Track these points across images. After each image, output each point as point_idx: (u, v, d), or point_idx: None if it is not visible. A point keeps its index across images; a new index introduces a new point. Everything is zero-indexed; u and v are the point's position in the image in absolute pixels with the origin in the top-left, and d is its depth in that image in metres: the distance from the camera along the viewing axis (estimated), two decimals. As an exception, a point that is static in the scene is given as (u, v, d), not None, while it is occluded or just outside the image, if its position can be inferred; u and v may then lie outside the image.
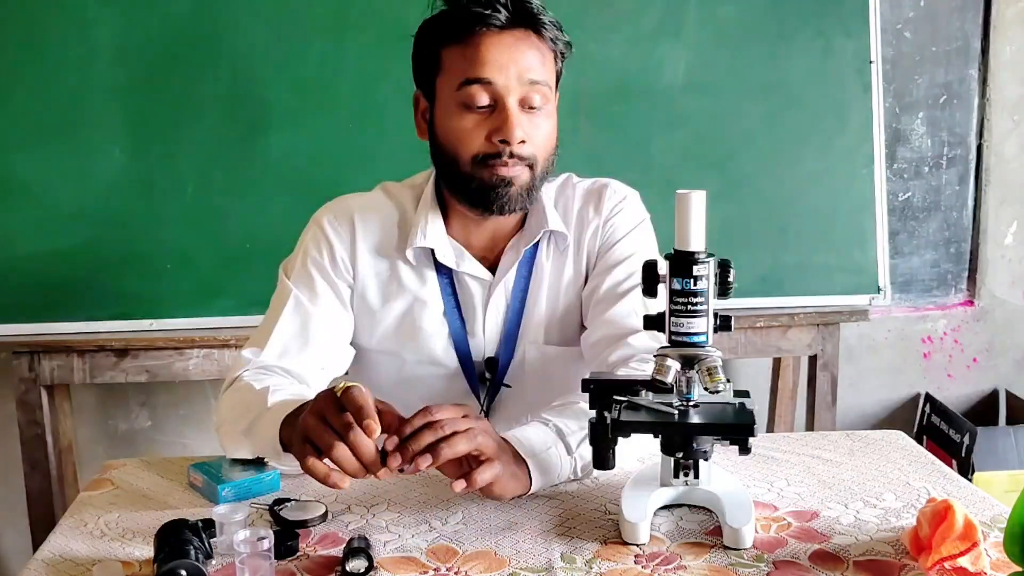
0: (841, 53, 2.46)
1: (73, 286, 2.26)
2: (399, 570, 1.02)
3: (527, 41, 1.29)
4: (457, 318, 1.42)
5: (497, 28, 1.28)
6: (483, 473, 1.08)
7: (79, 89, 2.26)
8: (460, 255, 1.41)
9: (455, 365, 1.43)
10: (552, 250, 1.43)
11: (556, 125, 1.36)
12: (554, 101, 1.35)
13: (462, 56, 1.29)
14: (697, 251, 1.04)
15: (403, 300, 1.42)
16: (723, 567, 1.02)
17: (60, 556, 1.06)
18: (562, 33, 1.34)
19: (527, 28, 1.29)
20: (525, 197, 1.33)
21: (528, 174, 1.32)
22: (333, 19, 2.31)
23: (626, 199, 1.46)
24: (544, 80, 1.30)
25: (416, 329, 1.42)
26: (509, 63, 1.28)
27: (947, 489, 1.21)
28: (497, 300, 1.42)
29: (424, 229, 1.39)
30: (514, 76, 1.28)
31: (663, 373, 1.03)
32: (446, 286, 1.42)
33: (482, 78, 1.27)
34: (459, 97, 1.29)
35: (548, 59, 1.32)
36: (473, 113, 1.30)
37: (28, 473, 2.32)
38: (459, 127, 1.31)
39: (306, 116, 2.32)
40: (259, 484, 1.21)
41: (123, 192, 2.28)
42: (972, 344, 2.87)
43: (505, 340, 1.43)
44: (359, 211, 1.43)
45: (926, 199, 2.76)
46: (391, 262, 1.42)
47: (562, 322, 1.44)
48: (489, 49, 1.28)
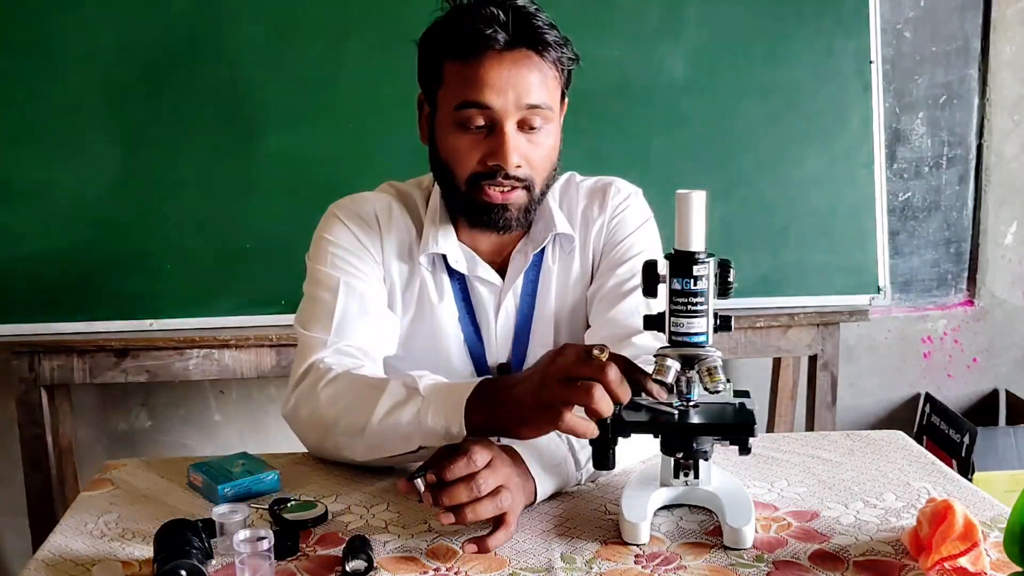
0: (841, 53, 2.46)
1: (73, 286, 2.26)
2: (399, 570, 1.02)
3: (528, 63, 1.26)
4: (470, 324, 1.41)
5: (497, 49, 1.25)
6: (496, 539, 1.06)
7: (79, 89, 2.26)
8: (472, 260, 1.40)
9: (470, 371, 1.42)
10: (559, 252, 1.43)
11: (559, 139, 1.34)
12: (558, 119, 1.33)
13: (461, 75, 1.26)
14: (697, 251, 1.04)
15: (419, 305, 1.41)
16: (723, 567, 1.02)
17: (60, 556, 1.06)
18: (567, 49, 1.31)
19: (528, 48, 1.26)
20: (523, 218, 1.32)
21: (525, 196, 1.31)
22: (333, 19, 2.31)
23: (630, 197, 1.45)
24: (544, 102, 1.27)
25: (432, 335, 1.41)
26: (507, 87, 1.25)
27: (947, 489, 1.21)
28: (507, 305, 1.41)
29: (436, 234, 1.37)
30: (512, 100, 1.25)
31: (663, 373, 1.03)
32: (459, 292, 1.41)
33: (479, 102, 1.25)
34: (457, 116, 1.27)
35: (551, 78, 1.29)
36: (470, 134, 1.28)
37: (28, 473, 2.32)
38: (456, 146, 1.29)
39: (306, 116, 2.31)
40: (259, 484, 1.21)
41: (123, 192, 2.28)
42: (972, 344, 2.87)
43: (516, 345, 1.43)
44: (381, 209, 1.40)
45: (926, 199, 2.76)
46: (410, 266, 1.40)
47: (571, 322, 1.44)
48: (488, 72, 1.24)
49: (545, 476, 1.15)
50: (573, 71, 1.35)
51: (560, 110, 1.35)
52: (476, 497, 1.04)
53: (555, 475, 1.16)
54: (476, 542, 1.05)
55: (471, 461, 1.05)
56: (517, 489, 1.09)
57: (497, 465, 1.07)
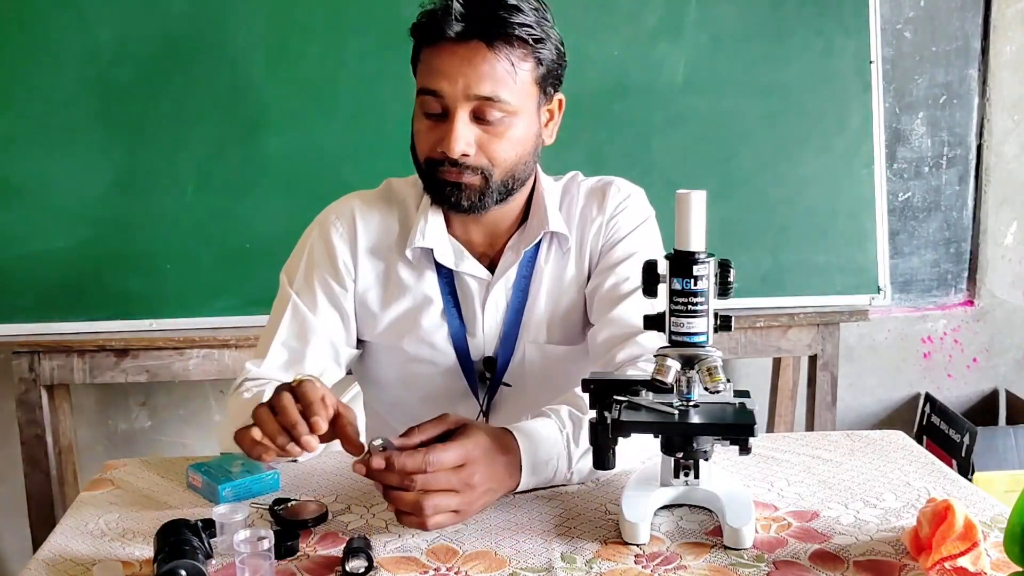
0: (841, 53, 2.46)
1: (73, 286, 2.26)
2: (399, 570, 1.02)
3: (479, 55, 1.27)
4: (456, 317, 1.42)
5: (451, 39, 1.27)
6: (436, 519, 1.07)
7: (79, 89, 2.26)
8: (459, 254, 1.41)
9: (454, 364, 1.43)
10: (554, 250, 1.43)
11: (535, 132, 1.35)
12: (530, 112, 1.33)
13: (424, 62, 1.31)
14: (697, 251, 1.04)
15: (403, 299, 1.43)
16: (723, 567, 1.02)
17: (60, 556, 1.06)
18: (544, 45, 1.30)
19: (480, 41, 1.27)
20: (483, 199, 1.33)
21: (480, 180, 1.32)
22: (332, 19, 2.31)
23: (630, 197, 1.45)
24: (497, 95, 1.27)
25: (415, 328, 1.42)
26: (458, 76, 1.27)
27: (947, 489, 1.21)
28: (496, 299, 1.42)
29: (423, 229, 1.39)
30: (461, 89, 1.27)
31: (663, 373, 1.03)
32: (445, 285, 1.42)
33: (431, 88, 1.29)
34: (418, 102, 1.33)
35: (510, 72, 1.28)
36: (428, 120, 1.32)
37: (28, 473, 2.32)
38: (417, 130, 1.35)
39: (306, 116, 2.32)
40: (259, 484, 1.21)
41: (123, 192, 2.28)
42: (972, 344, 2.87)
43: (504, 339, 1.43)
44: (360, 211, 1.44)
45: (926, 199, 2.76)
46: (391, 262, 1.43)
47: (564, 321, 1.44)
48: (442, 60, 1.28)
49: (531, 474, 1.15)
50: (563, 68, 1.36)
51: (537, 104, 1.34)
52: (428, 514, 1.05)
53: (543, 471, 1.17)
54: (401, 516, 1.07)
55: (427, 459, 1.04)
56: (479, 494, 1.10)
57: (464, 470, 1.07)
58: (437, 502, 1.05)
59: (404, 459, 1.04)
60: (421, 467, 1.04)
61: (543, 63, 1.32)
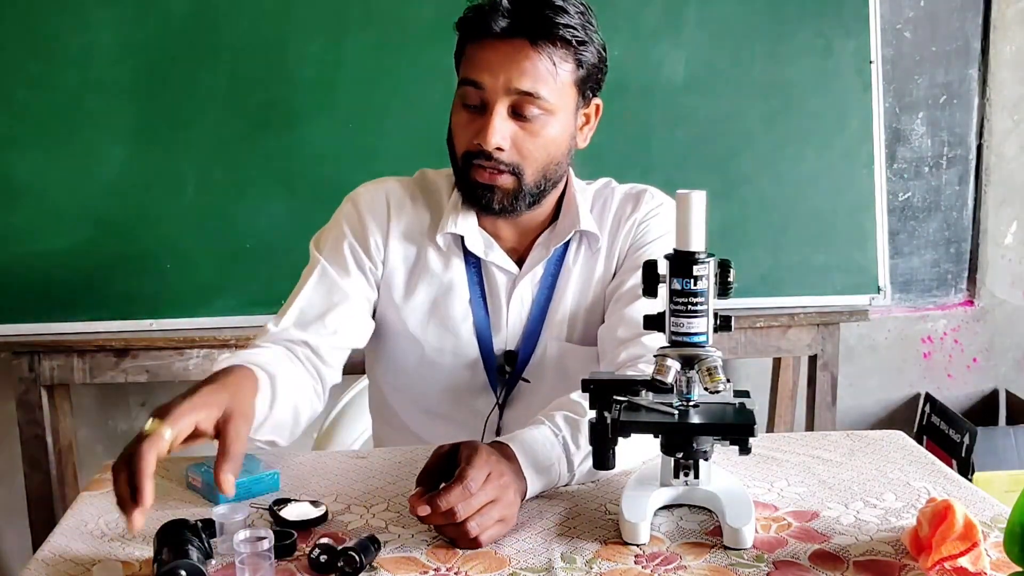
0: (841, 53, 2.46)
1: (73, 286, 2.26)
2: (399, 570, 1.02)
3: (523, 52, 1.29)
4: (482, 307, 1.43)
5: (496, 34, 1.30)
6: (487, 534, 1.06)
7: (80, 88, 2.26)
8: (489, 245, 1.43)
9: (476, 355, 1.44)
10: (583, 250, 1.44)
11: (568, 135, 1.37)
12: (566, 114, 1.35)
13: (467, 55, 1.34)
14: (697, 251, 1.04)
15: (430, 285, 1.43)
16: (723, 567, 1.02)
17: (60, 556, 1.06)
18: (587, 48, 1.34)
19: (525, 39, 1.29)
20: (515, 202, 1.35)
21: (512, 181, 1.33)
22: (333, 19, 2.31)
23: (663, 205, 1.47)
24: (537, 91, 1.30)
25: (441, 315, 1.43)
26: (499, 70, 1.29)
27: (947, 489, 1.21)
28: (522, 293, 1.43)
29: (455, 217, 1.41)
30: (502, 83, 1.29)
31: (663, 373, 1.03)
32: (473, 275, 1.43)
33: (473, 80, 1.31)
34: (459, 93, 1.35)
35: (552, 72, 1.31)
36: (467, 112, 1.34)
37: (28, 473, 2.32)
38: (455, 122, 1.37)
39: (306, 116, 2.31)
40: (259, 484, 1.21)
41: (123, 192, 2.28)
42: (972, 344, 2.87)
43: (527, 334, 1.44)
44: (395, 194, 1.45)
45: (926, 199, 2.76)
46: (421, 247, 1.44)
47: (587, 321, 1.45)
48: (485, 53, 1.31)
49: (536, 477, 1.15)
50: (604, 73, 1.40)
51: (575, 106, 1.37)
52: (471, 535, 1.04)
53: (544, 475, 1.17)
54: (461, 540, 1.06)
55: (466, 488, 1.03)
56: (512, 493, 1.09)
57: (492, 479, 1.07)
58: (481, 520, 1.04)
59: (444, 498, 1.03)
60: (462, 496, 1.03)
61: (584, 65, 1.34)
